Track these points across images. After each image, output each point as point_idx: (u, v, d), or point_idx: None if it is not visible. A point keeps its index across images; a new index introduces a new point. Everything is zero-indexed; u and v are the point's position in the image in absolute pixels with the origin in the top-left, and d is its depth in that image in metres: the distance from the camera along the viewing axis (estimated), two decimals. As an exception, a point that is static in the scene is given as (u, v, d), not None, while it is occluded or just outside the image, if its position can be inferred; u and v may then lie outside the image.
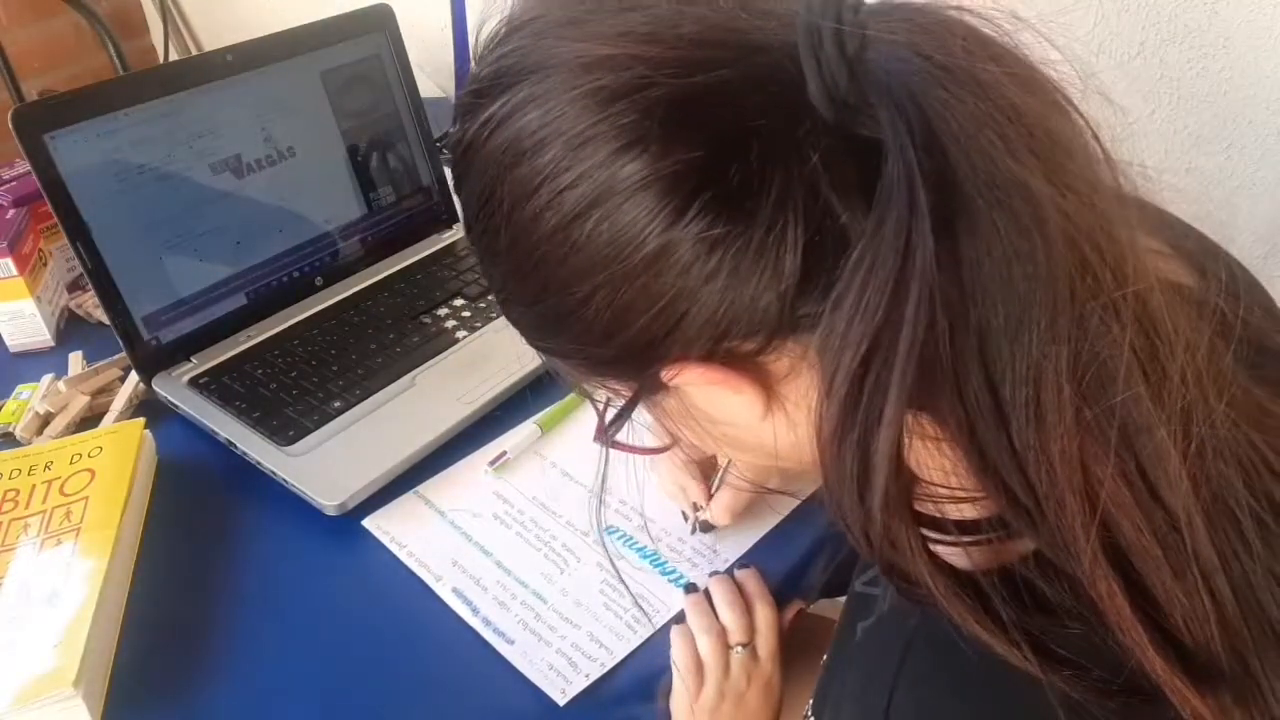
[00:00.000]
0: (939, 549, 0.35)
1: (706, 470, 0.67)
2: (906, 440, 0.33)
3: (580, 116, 0.32)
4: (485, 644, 0.60)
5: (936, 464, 0.35)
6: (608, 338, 0.36)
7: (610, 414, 0.44)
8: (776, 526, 0.68)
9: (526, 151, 0.34)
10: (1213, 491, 0.33)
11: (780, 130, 0.31)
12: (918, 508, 0.35)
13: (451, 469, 0.74)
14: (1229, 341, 0.35)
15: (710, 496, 0.66)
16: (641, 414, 0.43)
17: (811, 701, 0.48)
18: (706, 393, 0.38)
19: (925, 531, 0.35)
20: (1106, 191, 0.32)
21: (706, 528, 0.67)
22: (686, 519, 0.68)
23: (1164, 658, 0.32)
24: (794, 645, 0.63)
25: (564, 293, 0.35)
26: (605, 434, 0.43)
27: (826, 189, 0.31)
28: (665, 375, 0.36)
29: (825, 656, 0.49)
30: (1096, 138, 0.33)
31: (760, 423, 0.38)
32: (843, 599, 0.60)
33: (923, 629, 0.38)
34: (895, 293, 0.30)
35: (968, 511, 0.36)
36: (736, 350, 0.35)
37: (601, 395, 0.42)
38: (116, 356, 0.84)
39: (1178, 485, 0.32)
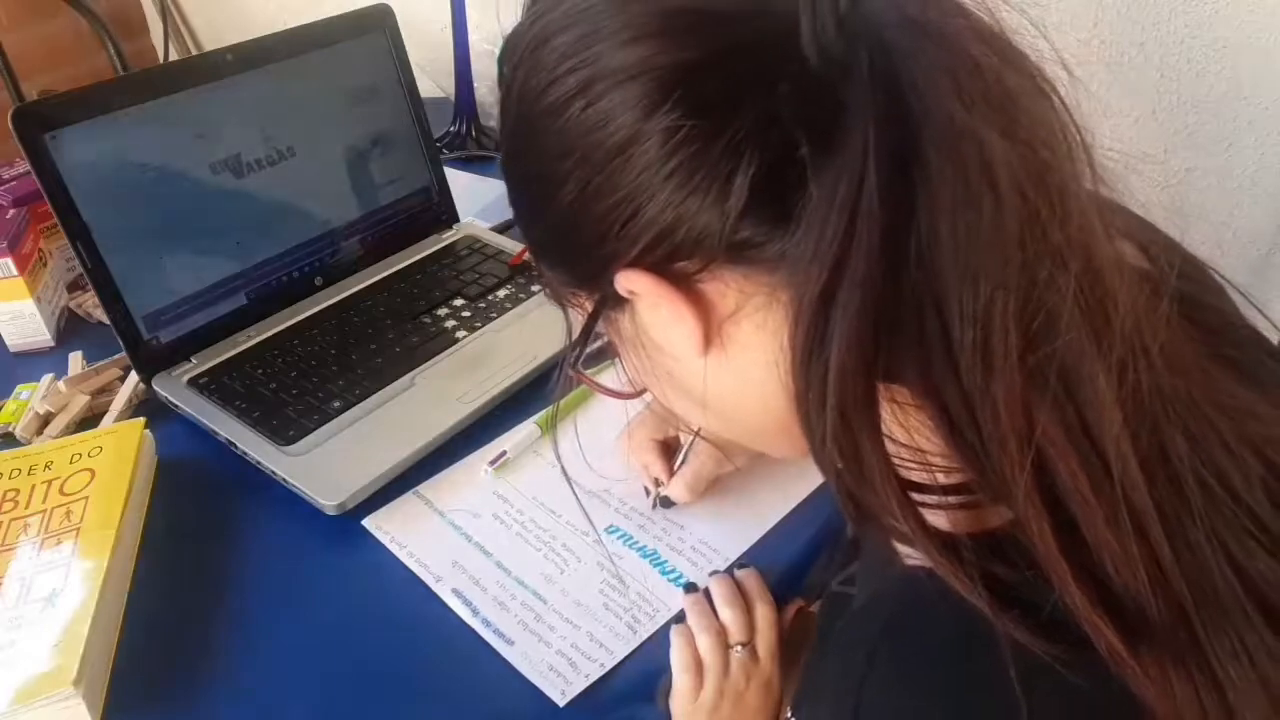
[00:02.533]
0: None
1: (672, 448, 0.69)
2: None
3: (603, 12, 0.36)
4: (485, 644, 0.60)
5: (902, 430, 0.36)
6: (575, 228, 0.38)
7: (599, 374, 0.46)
8: (776, 526, 0.68)
9: (549, 38, 0.37)
10: (1154, 446, 0.34)
11: (767, 63, 0.33)
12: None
13: (451, 469, 0.74)
14: (1176, 314, 0.36)
15: (672, 474, 0.68)
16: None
17: (790, 703, 0.49)
18: (654, 315, 0.39)
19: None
20: (1062, 151, 0.34)
21: (667, 503, 0.69)
22: (649, 494, 0.70)
23: (1085, 594, 0.33)
24: (794, 645, 0.63)
25: (547, 173, 0.38)
26: (573, 356, 0.45)
27: (792, 124, 0.33)
28: (618, 282, 0.38)
29: (806, 657, 0.50)
30: (1073, 120, 0.34)
31: (697, 359, 0.40)
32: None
33: (893, 623, 0.39)
34: (848, 230, 0.32)
35: (940, 477, 0.36)
36: (680, 271, 0.37)
37: (576, 317, 0.44)
38: (116, 356, 0.84)
39: (1111, 432, 0.33)
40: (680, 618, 0.61)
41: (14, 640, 0.57)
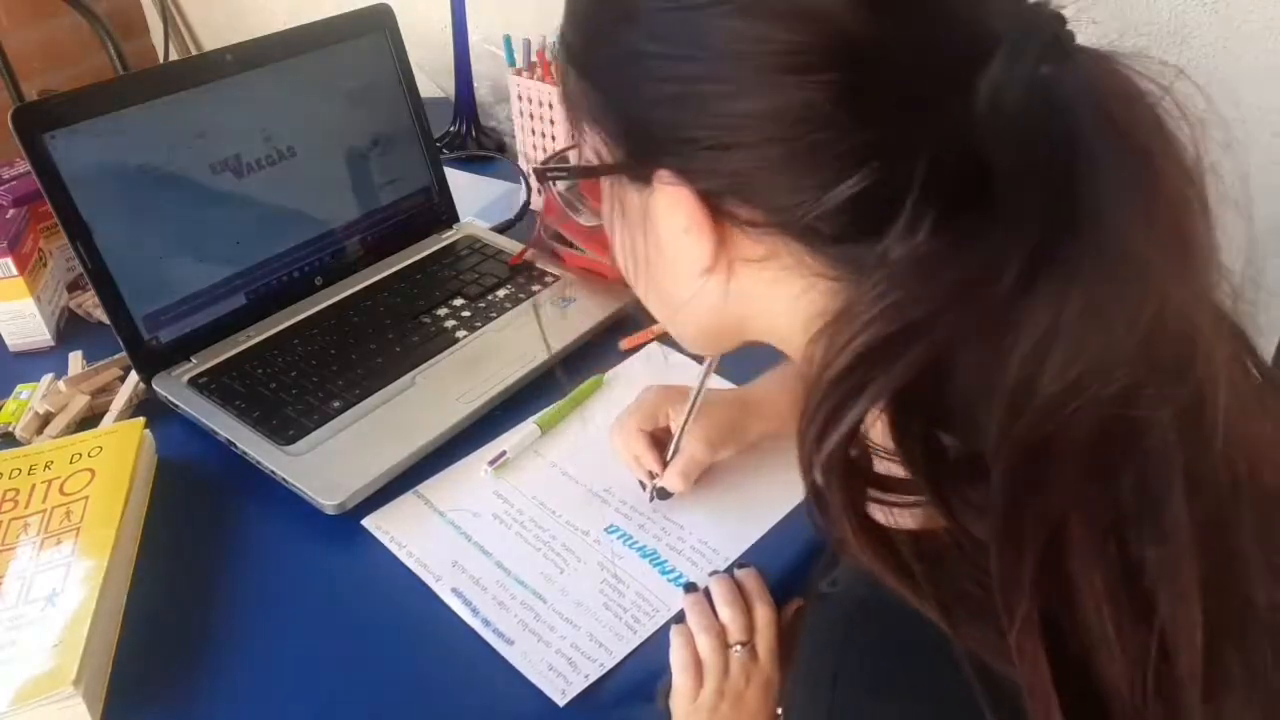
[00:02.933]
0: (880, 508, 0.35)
1: (661, 440, 0.69)
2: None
3: None
4: (485, 644, 0.60)
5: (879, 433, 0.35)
6: (662, 109, 0.34)
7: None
8: (776, 526, 0.68)
9: None
10: (1225, 591, 0.31)
11: (942, 78, 0.31)
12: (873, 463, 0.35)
13: (451, 469, 0.74)
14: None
15: (664, 465, 0.68)
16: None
17: (780, 706, 0.49)
18: (669, 217, 0.37)
19: (868, 490, 0.35)
20: (1207, 289, 0.32)
21: (663, 495, 0.69)
22: (644, 488, 0.70)
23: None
24: (793, 644, 0.63)
25: (668, 41, 0.34)
26: (554, 171, 0.42)
27: (934, 160, 0.31)
28: (664, 178, 0.35)
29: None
30: (1210, 225, 0.32)
31: (691, 277, 0.38)
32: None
33: (865, 605, 0.38)
34: (960, 294, 0.30)
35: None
36: (730, 210, 0.35)
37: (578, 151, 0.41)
38: (116, 356, 0.84)
39: (1179, 586, 0.30)
40: (680, 618, 0.61)
41: (14, 640, 0.57)
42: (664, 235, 0.39)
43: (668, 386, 0.71)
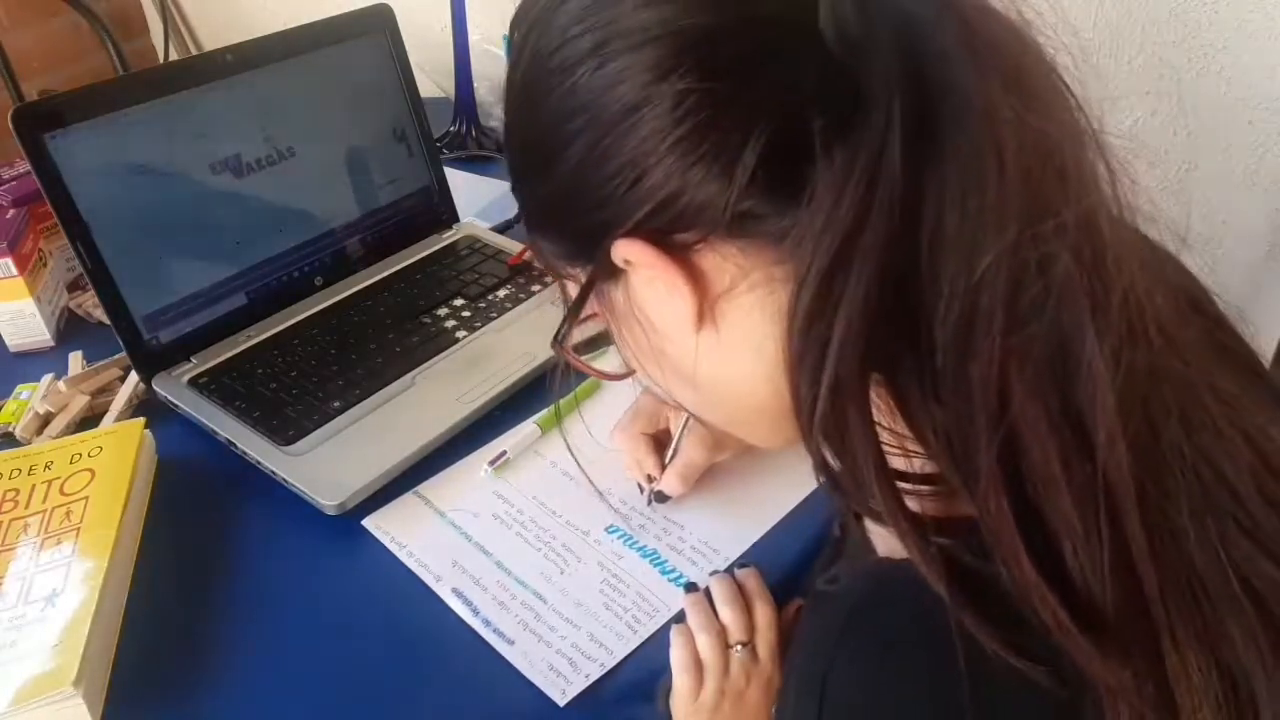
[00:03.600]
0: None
1: (663, 442, 0.69)
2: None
3: None
4: (485, 644, 0.60)
5: (886, 413, 0.37)
6: (577, 192, 0.38)
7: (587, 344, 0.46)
8: (776, 526, 0.68)
9: (564, 1, 0.37)
10: (1146, 429, 0.34)
11: (786, 34, 0.34)
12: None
13: (451, 469, 0.74)
14: (1180, 300, 0.37)
15: (664, 468, 0.68)
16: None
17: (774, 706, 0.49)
18: (648, 289, 0.39)
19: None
20: (1072, 136, 0.34)
21: (662, 498, 0.69)
22: (642, 491, 0.70)
23: (1036, 568, 0.33)
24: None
25: (553, 135, 0.38)
26: (563, 332, 0.44)
27: (807, 97, 0.33)
28: (614, 251, 0.38)
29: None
30: (1084, 111, 0.35)
31: (689, 336, 0.40)
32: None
33: (859, 608, 0.39)
34: (865, 199, 0.32)
35: (917, 464, 0.37)
36: (678, 242, 0.37)
37: (571, 291, 0.44)
38: (116, 356, 0.84)
39: (1103, 412, 0.33)
40: (680, 617, 0.61)
41: (14, 640, 0.57)
42: (650, 310, 0.40)
43: None
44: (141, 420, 0.75)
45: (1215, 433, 0.36)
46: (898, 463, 0.36)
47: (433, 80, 1.27)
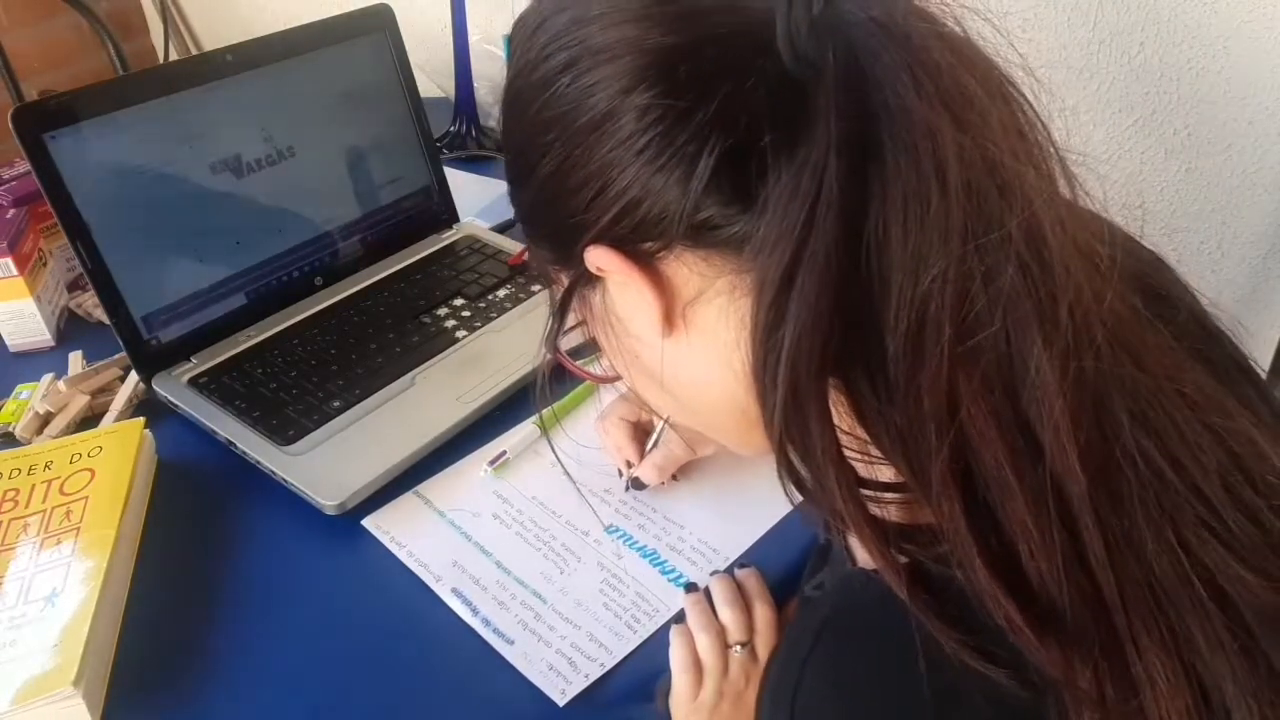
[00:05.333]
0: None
1: (644, 431, 0.71)
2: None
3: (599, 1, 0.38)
4: (485, 644, 0.60)
5: (847, 419, 0.38)
6: (553, 199, 0.41)
7: (573, 344, 0.48)
8: (776, 526, 0.68)
9: (546, 19, 0.40)
10: (1098, 435, 0.35)
11: (741, 54, 0.35)
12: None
13: (451, 469, 0.74)
14: (1140, 307, 0.38)
15: (643, 456, 0.70)
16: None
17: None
18: (622, 294, 0.42)
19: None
20: (1018, 149, 0.35)
21: (638, 485, 0.71)
22: (621, 476, 0.71)
23: (989, 570, 0.34)
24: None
25: (533, 144, 0.40)
26: (553, 336, 0.47)
27: (760, 113, 0.35)
28: (587, 258, 0.40)
29: None
30: (1040, 122, 0.36)
31: (659, 340, 0.42)
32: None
33: (834, 613, 0.40)
34: (809, 216, 0.33)
35: (879, 471, 0.38)
36: (644, 250, 0.39)
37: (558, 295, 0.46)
38: (116, 356, 0.84)
39: (1051, 418, 0.34)
40: (680, 618, 0.61)
41: (14, 640, 0.57)
42: (625, 317, 0.43)
43: None
44: (141, 420, 0.75)
45: (1179, 435, 0.37)
46: (862, 469, 0.37)
47: (433, 80, 1.27)
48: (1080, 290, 0.34)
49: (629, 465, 0.70)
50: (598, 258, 0.40)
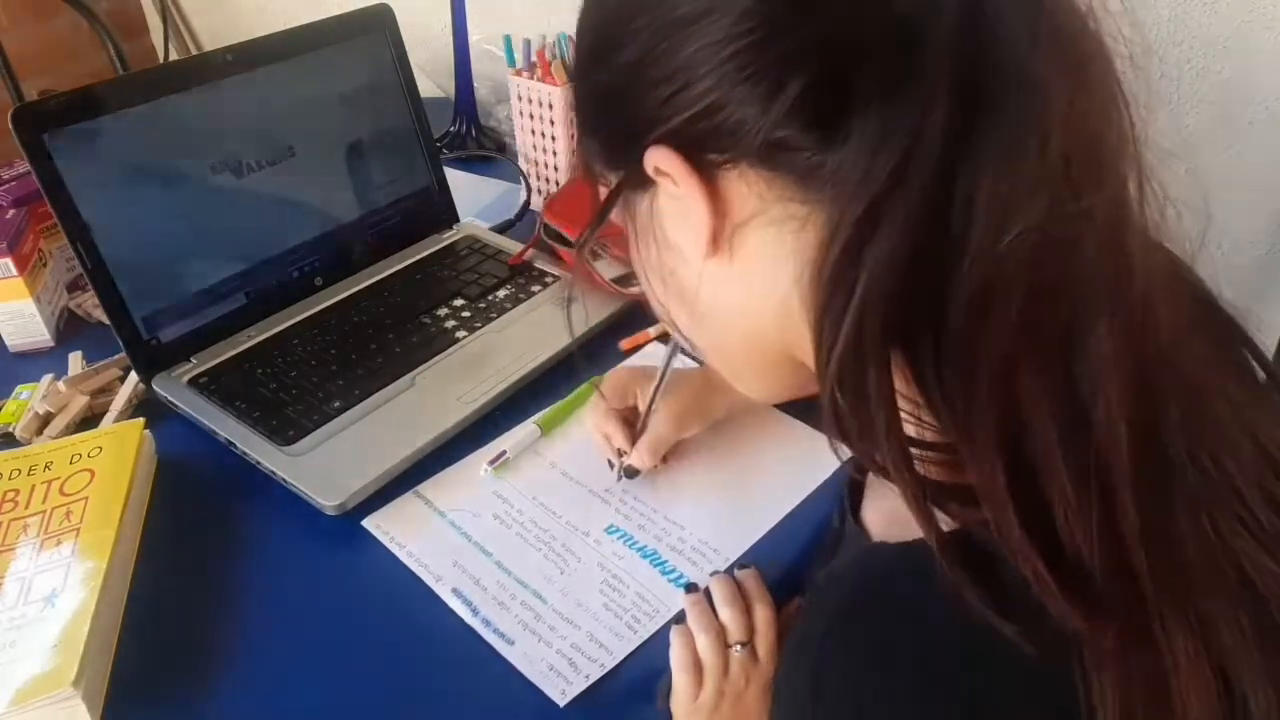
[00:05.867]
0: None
1: (631, 419, 0.72)
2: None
3: None
4: (485, 644, 0.60)
5: (901, 379, 0.37)
6: (626, 88, 0.38)
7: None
8: (776, 526, 0.68)
9: None
10: (1148, 412, 0.35)
11: None
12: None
13: (451, 469, 0.74)
14: (1194, 307, 0.38)
15: (633, 444, 0.70)
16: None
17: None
18: (672, 204, 0.40)
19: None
20: (1114, 128, 0.34)
21: (631, 473, 0.71)
22: (612, 467, 0.71)
23: (1026, 533, 0.34)
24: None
25: (616, 27, 0.38)
26: (588, 241, 0.47)
27: (865, 41, 0.33)
28: (646, 158, 0.38)
29: None
30: (1128, 106, 0.35)
31: (700, 259, 0.40)
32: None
33: (857, 590, 0.40)
34: (905, 155, 0.32)
35: (927, 434, 0.37)
36: (709, 160, 0.37)
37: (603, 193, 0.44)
38: (116, 356, 0.84)
39: (1106, 390, 0.34)
40: (680, 618, 0.61)
41: (14, 640, 0.57)
42: (669, 226, 0.41)
43: (636, 366, 0.74)
44: (141, 420, 0.75)
45: (1219, 431, 0.37)
46: (909, 429, 0.37)
47: (433, 80, 1.27)
48: (1151, 275, 0.34)
49: (620, 454, 0.71)
50: (659, 158, 0.38)
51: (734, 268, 0.40)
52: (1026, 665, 0.34)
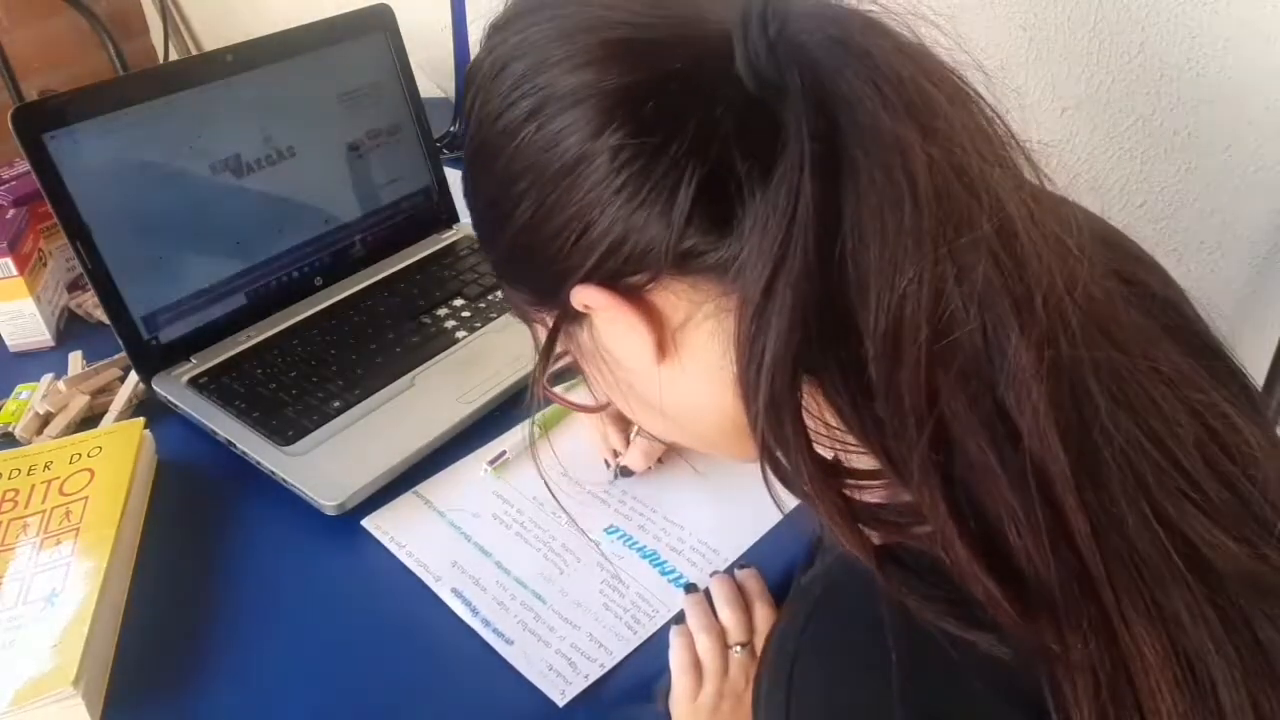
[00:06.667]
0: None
1: (627, 421, 0.72)
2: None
3: (552, 42, 0.38)
4: (484, 644, 0.60)
5: (832, 416, 0.39)
6: (531, 246, 0.41)
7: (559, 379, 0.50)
8: (776, 526, 0.68)
9: (504, 66, 0.40)
10: (1077, 416, 0.35)
11: (705, 84, 0.36)
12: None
13: (451, 469, 0.74)
14: (1115, 288, 0.39)
15: (628, 443, 0.71)
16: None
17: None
18: (610, 328, 0.42)
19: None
20: (984, 149, 0.36)
21: (626, 473, 0.72)
22: (609, 466, 0.72)
23: (969, 550, 0.35)
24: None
25: (505, 193, 0.41)
26: (540, 375, 0.47)
27: (731, 139, 0.35)
28: (573, 298, 0.40)
29: None
30: (1000, 119, 0.37)
31: (653, 369, 0.42)
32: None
33: (825, 594, 0.41)
34: (786, 234, 0.34)
35: (855, 460, 0.39)
36: (632, 284, 0.39)
37: (541, 334, 0.46)
38: (116, 356, 0.84)
39: (1030, 403, 0.34)
40: (680, 618, 0.61)
41: (14, 640, 0.57)
42: (613, 347, 0.43)
43: None
44: (141, 420, 0.75)
45: (1157, 411, 0.37)
46: (841, 456, 0.38)
47: (433, 80, 1.27)
48: (1053, 279, 0.35)
49: (615, 455, 0.71)
50: (585, 297, 0.40)
51: (685, 365, 0.42)
52: (999, 672, 0.35)
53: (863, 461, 0.38)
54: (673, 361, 0.42)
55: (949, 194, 0.34)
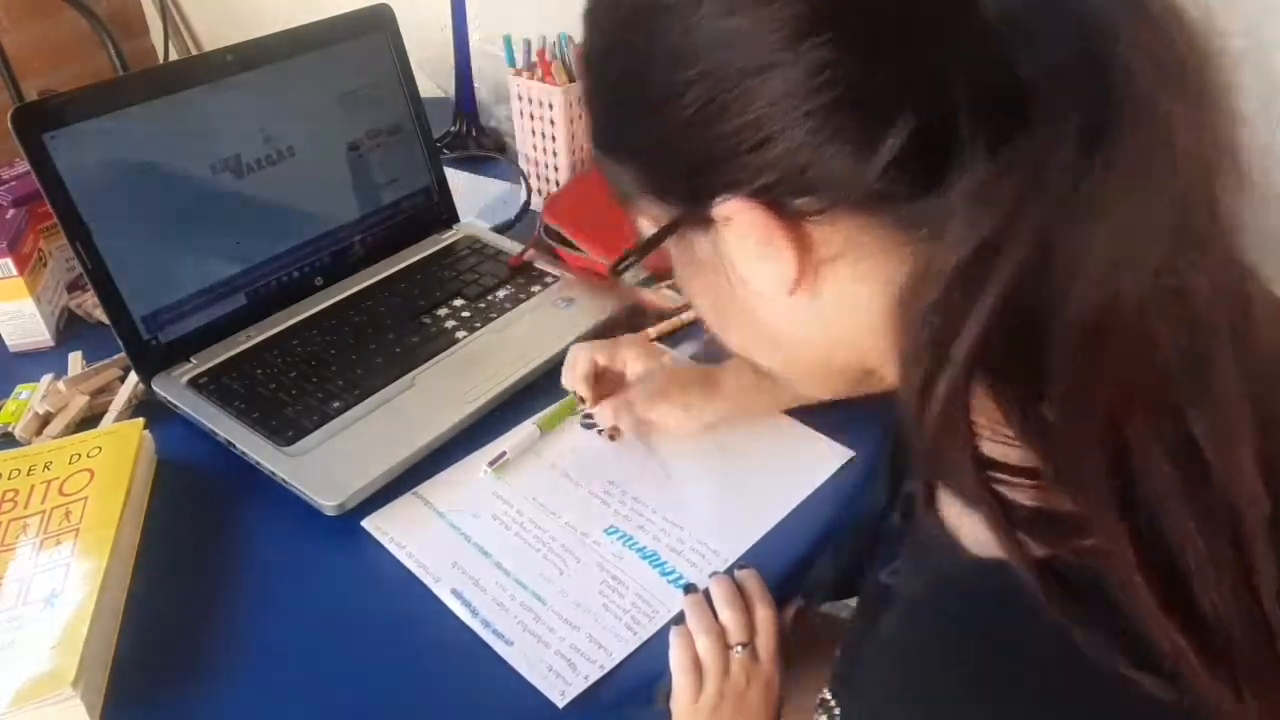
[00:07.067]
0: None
1: (606, 379, 0.75)
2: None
3: None
4: (484, 645, 0.60)
5: (993, 407, 0.35)
6: (687, 139, 0.35)
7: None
8: (776, 526, 0.68)
9: None
10: (1273, 456, 0.32)
11: (940, 7, 0.31)
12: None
13: (451, 469, 0.74)
14: None
15: (596, 398, 0.73)
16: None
17: (828, 686, 0.49)
18: (742, 245, 0.37)
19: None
20: (1227, 160, 0.32)
21: (588, 425, 0.76)
22: (581, 404, 0.75)
23: (1155, 590, 0.31)
24: (795, 645, 0.63)
25: (664, 76, 0.34)
26: (627, 264, 0.42)
27: (961, 89, 0.30)
28: (720, 209, 0.35)
29: (842, 642, 0.50)
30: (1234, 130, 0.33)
31: (781, 297, 0.38)
32: (849, 600, 0.60)
33: (964, 616, 0.37)
34: (1017, 206, 0.30)
35: (1012, 457, 0.35)
36: (796, 208, 0.34)
37: (644, 225, 0.41)
38: (116, 356, 0.84)
39: (1233, 438, 0.31)
40: (680, 619, 0.61)
41: (13, 640, 0.57)
42: (742, 266, 0.38)
43: (641, 341, 0.77)
44: (141, 420, 0.75)
45: None
46: (996, 451, 0.35)
47: (433, 80, 1.27)
48: (1275, 322, 0.33)
49: (581, 400, 0.73)
50: (735, 210, 0.35)
51: (819, 302, 0.38)
52: (1155, 708, 0.32)
53: (1012, 455, 0.35)
54: (806, 292, 0.37)
55: (1192, 202, 0.31)
